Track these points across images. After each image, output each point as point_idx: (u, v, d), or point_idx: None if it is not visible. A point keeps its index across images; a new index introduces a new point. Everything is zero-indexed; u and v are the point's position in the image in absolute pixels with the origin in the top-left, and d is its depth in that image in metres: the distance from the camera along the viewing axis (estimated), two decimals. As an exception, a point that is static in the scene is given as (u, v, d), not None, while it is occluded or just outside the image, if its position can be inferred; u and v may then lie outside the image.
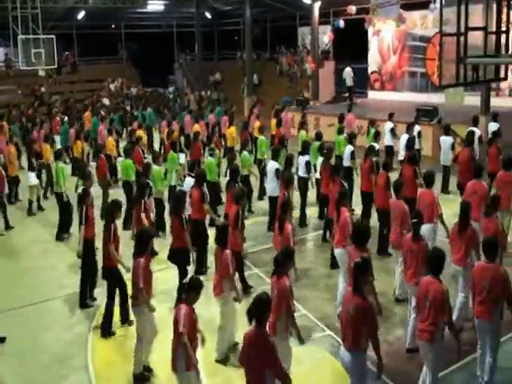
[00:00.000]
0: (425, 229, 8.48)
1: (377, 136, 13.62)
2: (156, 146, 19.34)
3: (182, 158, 14.20)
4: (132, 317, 7.61)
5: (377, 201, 10.44)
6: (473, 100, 19.79)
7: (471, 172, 10.39)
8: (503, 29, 9.29)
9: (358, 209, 11.62)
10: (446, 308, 5.83)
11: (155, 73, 33.43)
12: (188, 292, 5.86)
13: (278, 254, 6.44)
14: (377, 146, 12.79)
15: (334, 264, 9.43)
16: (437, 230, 8.91)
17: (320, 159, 12.22)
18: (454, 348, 5.90)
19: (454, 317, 7.61)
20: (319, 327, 8.04)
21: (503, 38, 9.36)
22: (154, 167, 11.76)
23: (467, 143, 12.37)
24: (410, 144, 12.61)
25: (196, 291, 5.85)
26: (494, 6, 9.27)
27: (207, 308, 7.74)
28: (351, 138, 13.30)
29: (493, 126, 14.04)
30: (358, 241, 7.01)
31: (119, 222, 9.15)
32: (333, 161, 12.03)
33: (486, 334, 6.47)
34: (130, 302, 7.44)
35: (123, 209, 9.36)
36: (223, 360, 7.25)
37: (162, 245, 10.12)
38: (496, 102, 19.43)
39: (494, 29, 9.15)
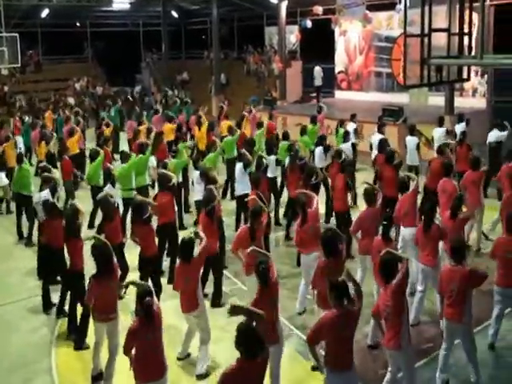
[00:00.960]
0: (407, 233, 8.58)
1: (346, 136, 13.66)
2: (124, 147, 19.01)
3: (153, 160, 14.07)
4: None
5: (335, 204, 10.42)
6: (437, 100, 20.08)
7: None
8: (466, 30, 9.43)
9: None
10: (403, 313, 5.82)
11: (121, 72, 33.09)
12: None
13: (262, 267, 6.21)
14: (346, 146, 12.85)
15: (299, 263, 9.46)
16: None
17: (287, 159, 12.15)
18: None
19: (412, 315, 7.70)
20: (286, 327, 8.03)
21: (466, 39, 9.51)
22: (123, 167, 11.59)
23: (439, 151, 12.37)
24: (385, 144, 12.64)
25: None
26: (458, 7, 9.41)
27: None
28: (322, 139, 13.32)
29: (460, 127, 14.22)
30: (328, 253, 6.89)
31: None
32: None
33: (454, 336, 6.50)
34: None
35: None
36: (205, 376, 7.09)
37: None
38: (460, 102, 19.76)
39: (457, 30, 9.29)
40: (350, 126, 15.42)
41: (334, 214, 10.68)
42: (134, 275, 9.07)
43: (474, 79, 20.65)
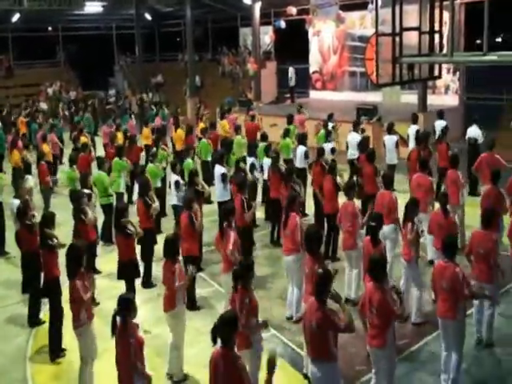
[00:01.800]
0: (386, 230, 8.62)
1: (328, 135, 13.65)
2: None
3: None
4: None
5: (325, 206, 10.38)
6: (410, 98, 20.27)
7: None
8: (436, 29, 9.52)
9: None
10: (390, 312, 5.79)
11: (95, 76, 32.76)
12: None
13: (237, 269, 6.30)
14: (330, 145, 12.86)
15: None
16: (398, 231, 8.95)
17: (266, 160, 12.12)
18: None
19: (413, 314, 7.83)
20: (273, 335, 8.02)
21: (437, 37, 9.60)
22: (100, 173, 11.45)
23: (417, 142, 12.55)
24: (364, 142, 12.71)
25: None
26: (428, 6, 9.49)
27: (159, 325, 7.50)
28: (303, 139, 13.34)
29: (440, 124, 14.34)
30: (310, 249, 6.94)
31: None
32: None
33: (449, 333, 6.47)
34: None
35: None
36: (183, 380, 7.00)
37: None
38: (433, 99, 19.97)
39: (428, 29, 9.37)
40: (328, 126, 15.30)
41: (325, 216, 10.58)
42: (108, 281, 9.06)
43: (447, 76, 20.91)
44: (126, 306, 5.60)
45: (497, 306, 7.46)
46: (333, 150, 12.96)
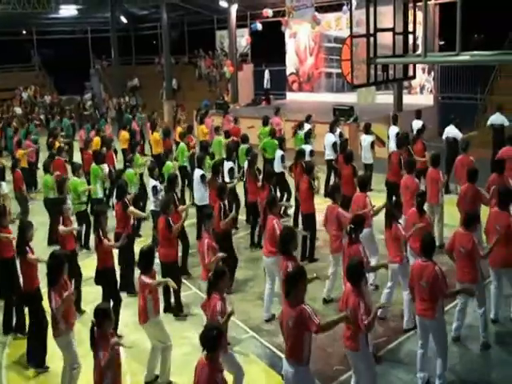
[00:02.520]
0: (363, 232, 8.60)
1: (307, 137, 13.61)
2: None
3: (105, 167, 13.86)
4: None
5: (302, 206, 10.40)
6: (385, 98, 20.41)
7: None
8: (410, 30, 9.61)
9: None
10: (362, 314, 5.73)
11: (70, 80, 32.48)
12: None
13: (210, 276, 6.24)
14: (309, 147, 12.89)
15: None
16: (374, 234, 9.02)
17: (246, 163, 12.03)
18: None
19: (406, 317, 7.79)
20: (243, 329, 8.08)
21: (411, 38, 9.69)
22: (74, 179, 11.29)
23: (397, 144, 12.56)
24: (343, 144, 12.73)
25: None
26: (402, 7, 9.58)
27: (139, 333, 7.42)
28: (280, 142, 13.30)
29: (417, 124, 14.43)
30: (284, 250, 6.95)
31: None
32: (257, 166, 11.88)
33: (428, 332, 6.49)
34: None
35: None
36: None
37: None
38: (408, 99, 20.15)
39: (402, 30, 9.46)
40: (305, 127, 15.18)
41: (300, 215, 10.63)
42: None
43: (422, 77, 21.12)
44: (102, 316, 5.52)
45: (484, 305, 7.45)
46: (311, 153, 12.96)
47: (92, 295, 8.60)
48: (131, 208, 9.58)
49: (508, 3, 18.77)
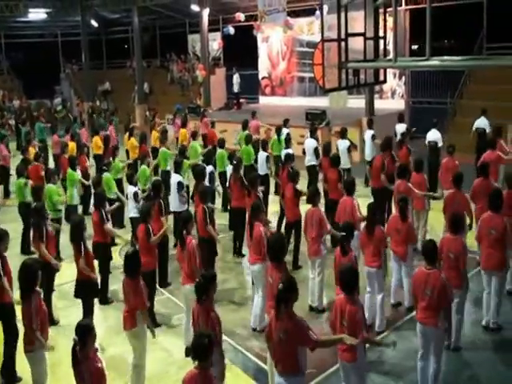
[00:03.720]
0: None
1: (288, 141, 13.49)
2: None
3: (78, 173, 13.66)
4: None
5: (287, 213, 10.23)
6: (356, 103, 20.53)
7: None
8: (381, 34, 9.67)
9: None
10: (363, 326, 5.65)
11: (40, 84, 32.02)
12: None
13: (200, 280, 5.97)
14: (289, 151, 12.85)
15: None
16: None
17: (231, 167, 11.80)
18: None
19: (378, 320, 7.76)
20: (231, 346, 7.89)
21: (381, 43, 9.75)
22: (49, 186, 10.99)
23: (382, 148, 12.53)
24: (326, 148, 12.68)
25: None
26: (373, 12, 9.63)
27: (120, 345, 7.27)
28: (264, 145, 13.24)
29: (401, 127, 14.48)
30: (274, 257, 6.75)
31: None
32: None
33: (430, 341, 6.37)
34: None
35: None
36: None
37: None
38: (380, 104, 20.31)
39: (373, 35, 9.51)
40: (283, 132, 15.06)
41: (285, 223, 10.44)
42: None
43: (393, 81, 21.32)
44: (84, 333, 5.23)
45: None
46: (292, 157, 12.91)
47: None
48: (108, 226, 9.31)
49: (477, 9, 19.11)
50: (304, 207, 9.36)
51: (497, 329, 7.79)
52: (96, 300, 8.38)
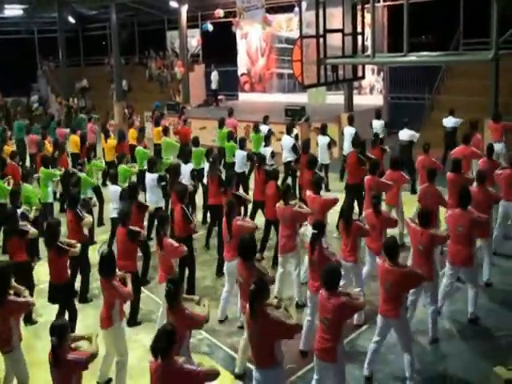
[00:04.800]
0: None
1: (267, 139, 13.41)
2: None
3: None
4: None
5: (268, 212, 10.17)
6: (335, 99, 20.62)
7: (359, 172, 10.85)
8: (359, 31, 9.74)
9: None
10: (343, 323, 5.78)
11: (16, 81, 31.59)
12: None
13: (170, 286, 5.87)
14: (269, 150, 12.81)
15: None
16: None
17: (205, 165, 11.83)
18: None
19: (356, 314, 7.69)
20: (196, 330, 7.93)
21: (359, 39, 9.82)
22: (26, 186, 10.86)
23: (354, 145, 12.56)
24: (305, 145, 12.68)
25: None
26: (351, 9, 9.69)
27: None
28: (242, 143, 13.22)
29: (379, 123, 14.53)
30: (245, 256, 6.78)
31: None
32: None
33: (388, 332, 6.56)
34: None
35: None
36: None
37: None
38: (358, 99, 20.40)
39: (351, 31, 9.58)
40: (263, 129, 15.06)
41: (266, 221, 10.37)
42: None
43: (372, 77, 21.44)
44: (59, 333, 5.21)
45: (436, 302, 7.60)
46: (272, 154, 12.92)
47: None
48: (86, 220, 9.16)
49: (454, 5, 19.29)
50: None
51: (475, 320, 7.92)
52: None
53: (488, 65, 14.63)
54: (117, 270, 6.96)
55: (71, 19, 31.38)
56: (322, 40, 8.91)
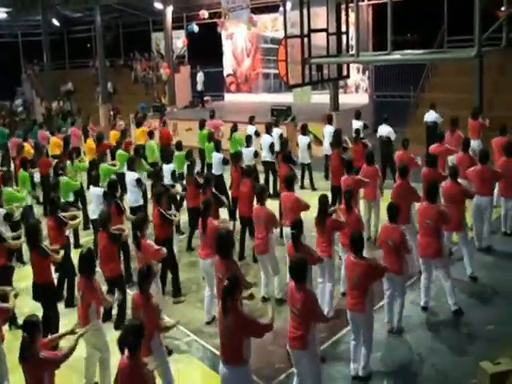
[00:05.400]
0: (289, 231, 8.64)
1: (249, 140, 13.35)
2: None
3: (37, 176, 13.44)
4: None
5: (241, 209, 10.25)
6: (321, 98, 20.67)
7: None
8: (343, 30, 9.76)
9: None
10: (317, 313, 5.90)
11: (0, 85, 31.34)
12: None
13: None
14: (251, 150, 12.82)
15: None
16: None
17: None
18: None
19: (327, 308, 7.90)
20: (184, 332, 8.04)
21: (344, 38, 9.83)
22: (7, 190, 10.77)
23: (334, 144, 12.58)
24: (283, 143, 12.73)
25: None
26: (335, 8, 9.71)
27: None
28: (217, 146, 13.20)
29: (358, 124, 14.54)
30: (222, 253, 6.90)
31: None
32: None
33: (359, 325, 6.70)
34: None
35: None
36: None
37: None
38: (344, 98, 20.46)
39: (335, 30, 9.58)
40: (250, 129, 15.05)
41: (239, 218, 10.51)
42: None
43: (357, 76, 21.51)
44: (30, 330, 5.30)
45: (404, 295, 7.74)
46: (255, 154, 12.92)
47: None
48: (72, 222, 9.26)
49: (438, 3, 19.40)
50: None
51: (459, 310, 8.01)
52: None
53: (472, 62, 14.74)
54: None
55: (55, 22, 31.17)
56: (306, 40, 8.91)
